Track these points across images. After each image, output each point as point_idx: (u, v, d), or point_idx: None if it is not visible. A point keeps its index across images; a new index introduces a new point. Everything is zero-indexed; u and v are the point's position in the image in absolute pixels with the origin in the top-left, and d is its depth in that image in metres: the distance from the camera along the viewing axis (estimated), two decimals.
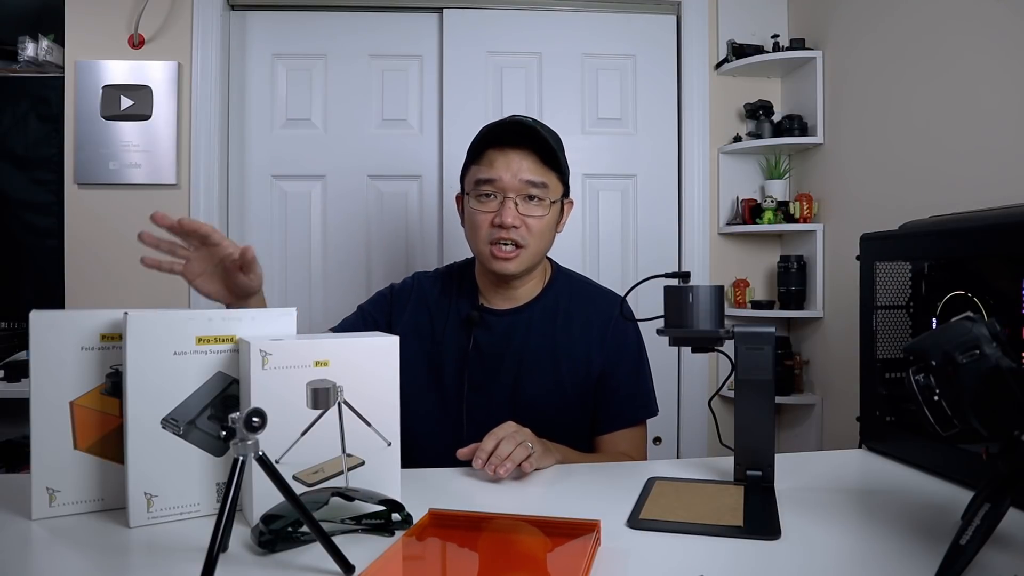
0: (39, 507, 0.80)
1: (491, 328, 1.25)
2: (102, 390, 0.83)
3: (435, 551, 0.73)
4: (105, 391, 0.83)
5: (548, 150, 1.21)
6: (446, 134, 2.29)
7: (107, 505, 0.83)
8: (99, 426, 0.83)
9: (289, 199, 2.30)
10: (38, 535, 0.76)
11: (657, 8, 2.38)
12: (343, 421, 0.83)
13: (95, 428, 0.83)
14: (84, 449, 0.82)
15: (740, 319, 2.29)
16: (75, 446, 0.82)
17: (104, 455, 0.83)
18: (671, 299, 0.94)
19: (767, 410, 0.94)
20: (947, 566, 0.62)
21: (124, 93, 2.14)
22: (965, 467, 0.93)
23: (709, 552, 0.72)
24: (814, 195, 2.24)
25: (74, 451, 0.82)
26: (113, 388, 0.83)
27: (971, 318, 0.68)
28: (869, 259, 1.15)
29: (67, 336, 0.81)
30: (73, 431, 0.82)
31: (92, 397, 0.83)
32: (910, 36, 1.79)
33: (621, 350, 1.27)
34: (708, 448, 2.32)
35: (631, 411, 1.26)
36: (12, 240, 2.20)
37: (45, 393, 0.81)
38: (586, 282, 1.35)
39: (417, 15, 2.33)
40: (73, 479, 0.82)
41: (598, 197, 2.37)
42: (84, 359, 0.82)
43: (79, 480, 0.82)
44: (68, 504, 0.81)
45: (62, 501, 0.81)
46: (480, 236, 1.21)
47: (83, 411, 0.82)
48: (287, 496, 0.65)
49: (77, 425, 0.82)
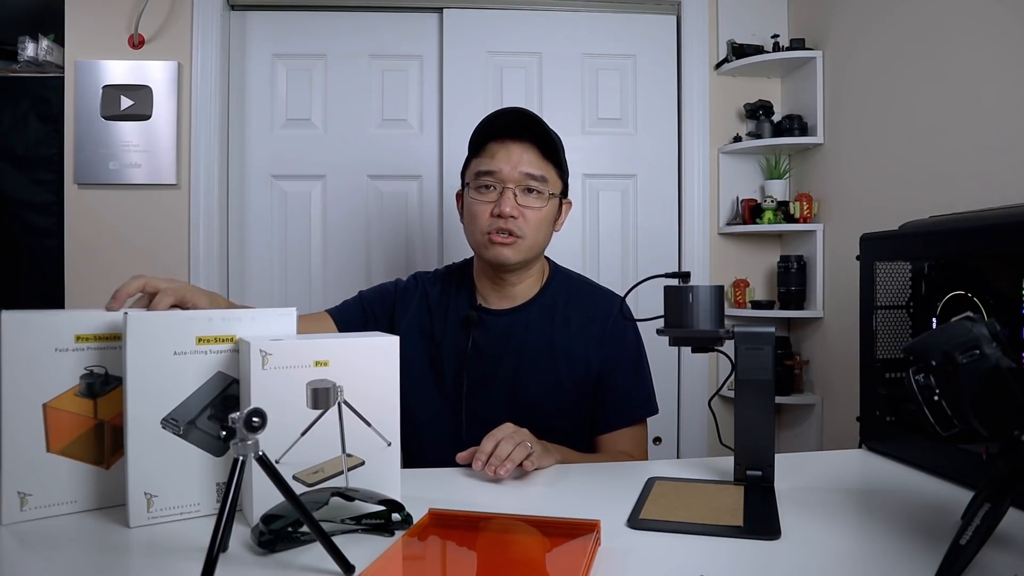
0: (9, 511, 0.78)
1: (489, 328, 1.25)
2: (76, 392, 0.82)
3: (435, 551, 0.73)
4: (79, 393, 0.82)
5: (548, 143, 1.22)
6: (446, 134, 2.29)
7: (80, 507, 0.82)
8: (73, 428, 0.82)
9: (289, 199, 2.30)
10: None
11: (657, 8, 2.37)
12: (343, 421, 0.83)
13: (69, 430, 0.82)
14: (57, 451, 0.81)
15: (740, 319, 2.29)
16: (47, 449, 0.81)
17: (78, 457, 0.82)
18: (671, 299, 0.94)
19: (767, 410, 0.94)
20: (947, 566, 0.62)
21: (124, 93, 2.14)
22: (965, 467, 0.93)
23: (709, 552, 0.72)
24: (814, 195, 2.24)
25: (46, 454, 0.80)
26: (87, 390, 0.82)
27: (971, 318, 0.68)
28: (869, 259, 1.15)
29: (40, 337, 0.80)
30: (46, 433, 0.80)
31: (66, 399, 0.82)
32: (910, 36, 1.79)
33: (620, 349, 1.27)
34: (708, 448, 2.32)
35: (630, 410, 1.26)
36: (12, 240, 2.20)
37: (17, 395, 0.79)
38: (584, 281, 1.35)
39: (417, 15, 2.33)
40: (45, 482, 0.80)
41: (598, 197, 2.37)
42: (58, 361, 0.81)
43: (51, 483, 0.81)
44: (40, 507, 0.80)
45: (33, 504, 0.80)
46: (478, 225, 1.21)
47: (56, 413, 0.81)
48: (287, 496, 0.65)
49: (50, 427, 0.81)
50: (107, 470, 0.84)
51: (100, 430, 0.84)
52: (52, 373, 0.81)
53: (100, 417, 0.83)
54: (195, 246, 2.16)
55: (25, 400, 0.80)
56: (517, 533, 0.76)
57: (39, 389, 0.80)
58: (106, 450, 0.84)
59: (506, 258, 1.20)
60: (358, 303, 1.33)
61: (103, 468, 0.84)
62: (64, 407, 0.82)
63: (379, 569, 0.65)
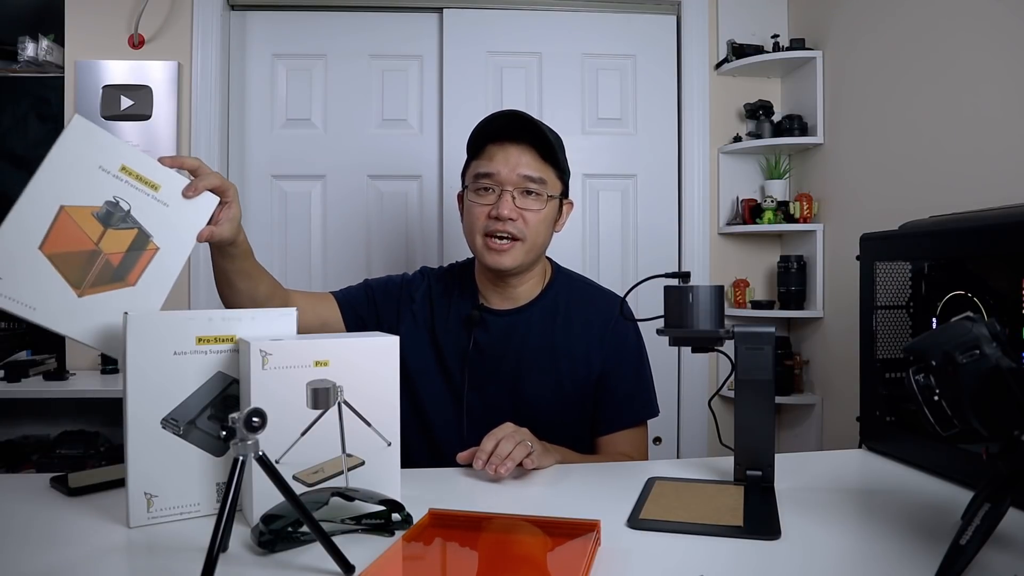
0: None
1: (491, 328, 1.25)
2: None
3: (435, 551, 0.73)
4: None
5: (546, 145, 1.22)
6: (446, 134, 2.29)
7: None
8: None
9: (289, 199, 2.30)
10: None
11: (657, 8, 2.38)
12: (343, 421, 0.83)
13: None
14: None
15: (740, 319, 2.29)
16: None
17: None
18: (671, 299, 0.94)
19: (767, 410, 0.93)
20: (947, 566, 0.62)
21: (124, 93, 2.14)
22: (965, 467, 0.93)
23: (709, 552, 0.72)
24: (814, 195, 2.24)
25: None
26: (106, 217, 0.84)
27: (971, 318, 0.68)
28: (869, 259, 1.15)
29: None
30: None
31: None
32: (910, 36, 1.79)
33: (621, 350, 1.26)
34: (708, 448, 2.32)
35: (631, 412, 1.26)
36: None
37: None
38: (586, 282, 1.35)
39: (417, 15, 2.33)
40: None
41: (598, 197, 2.37)
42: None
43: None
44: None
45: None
46: (476, 228, 1.21)
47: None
48: (287, 496, 0.65)
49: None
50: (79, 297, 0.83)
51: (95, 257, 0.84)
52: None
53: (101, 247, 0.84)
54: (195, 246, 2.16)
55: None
56: (517, 533, 0.76)
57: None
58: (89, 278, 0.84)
59: (503, 264, 1.20)
60: (363, 290, 1.32)
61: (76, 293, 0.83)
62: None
63: (379, 569, 0.65)
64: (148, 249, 0.87)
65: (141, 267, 0.87)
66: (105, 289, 0.85)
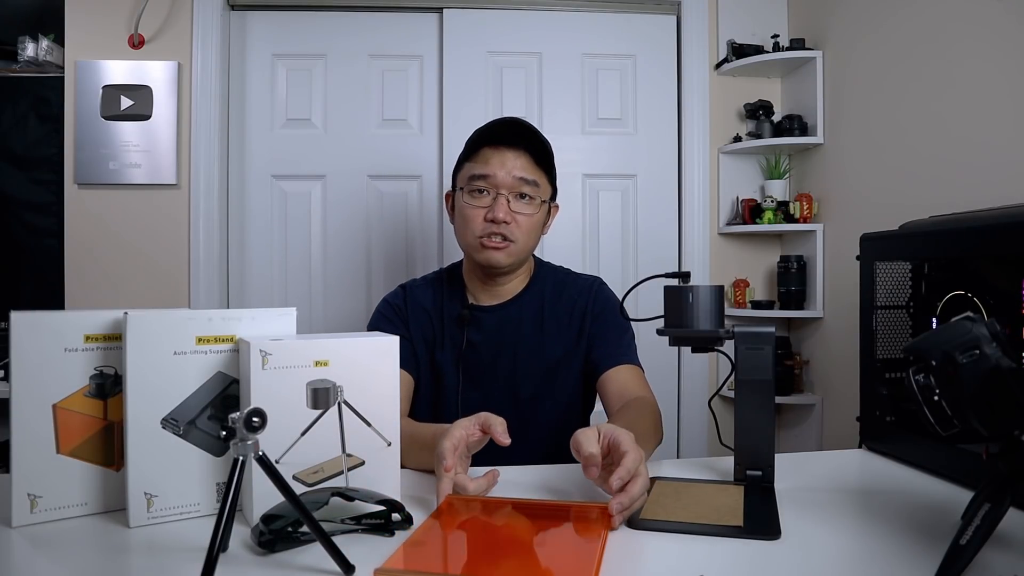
0: (20, 514, 0.78)
1: (483, 324, 1.29)
2: (85, 392, 0.81)
3: (456, 536, 0.76)
4: (89, 393, 0.81)
5: (541, 151, 1.26)
6: (446, 134, 2.29)
7: (91, 510, 0.82)
8: (83, 429, 0.81)
9: (289, 199, 2.30)
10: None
11: (657, 8, 2.37)
12: (343, 421, 0.83)
13: (78, 431, 0.81)
14: (67, 453, 0.80)
15: (740, 319, 2.29)
16: (57, 450, 0.80)
17: (88, 459, 0.81)
18: (671, 299, 0.94)
19: (767, 410, 0.93)
20: (947, 566, 0.62)
21: (124, 93, 2.14)
22: (965, 467, 0.93)
23: (709, 552, 0.72)
24: (814, 195, 2.24)
25: (56, 455, 0.80)
26: (97, 390, 0.82)
27: (971, 318, 0.68)
28: (869, 259, 1.15)
29: (50, 337, 0.79)
30: (56, 435, 0.80)
31: (75, 400, 0.81)
32: (910, 36, 1.79)
33: (605, 309, 1.30)
34: (708, 448, 2.32)
35: (620, 351, 1.26)
36: (12, 240, 2.20)
37: (27, 396, 0.78)
38: (566, 271, 1.39)
39: (417, 15, 2.33)
40: (55, 484, 0.79)
41: (598, 197, 2.37)
42: (67, 361, 0.80)
43: (61, 485, 0.80)
44: (50, 510, 0.79)
45: (43, 507, 0.79)
46: (471, 229, 1.24)
47: (66, 414, 0.80)
48: (287, 496, 0.65)
49: (60, 429, 0.80)
50: (117, 472, 0.83)
51: (110, 432, 0.83)
52: (62, 374, 0.80)
53: (110, 418, 0.83)
54: (195, 246, 2.16)
55: (35, 401, 0.79)
56: (532, 517, 0.79)
57: (49, 390, 0.79)
58: (116, 452, 0.83)
59: (498, 262, 1.24)
60: (402, 345, 1.28)
61: (113, 470, 0.83)
62: (74, 408, 0.81)
63: (399, 559, 0.66)
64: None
65: None
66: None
